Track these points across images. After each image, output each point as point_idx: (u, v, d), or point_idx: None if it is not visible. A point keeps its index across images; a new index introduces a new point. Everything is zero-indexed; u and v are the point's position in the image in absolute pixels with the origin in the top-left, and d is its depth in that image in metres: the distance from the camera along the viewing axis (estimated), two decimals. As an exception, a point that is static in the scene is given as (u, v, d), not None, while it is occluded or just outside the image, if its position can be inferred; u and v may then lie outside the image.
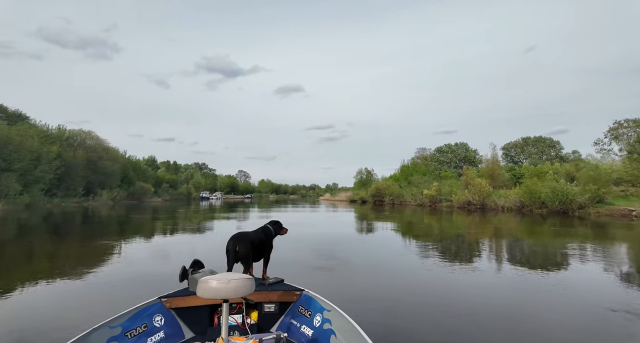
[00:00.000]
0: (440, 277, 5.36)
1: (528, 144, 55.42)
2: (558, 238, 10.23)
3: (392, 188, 38.58)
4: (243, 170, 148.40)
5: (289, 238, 10.19)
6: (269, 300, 2.70)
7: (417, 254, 7.40)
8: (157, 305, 2.49)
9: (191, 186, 77.51)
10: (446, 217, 19.36)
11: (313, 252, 7.54)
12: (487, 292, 4.61)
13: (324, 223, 16.30)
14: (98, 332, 1.98)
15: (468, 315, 3.61)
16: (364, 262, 6.56)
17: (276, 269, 3.61)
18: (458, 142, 61.03)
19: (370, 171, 60.82)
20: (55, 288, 4.52)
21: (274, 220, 3.45)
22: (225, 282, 1.81)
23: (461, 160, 60.04)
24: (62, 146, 33.63)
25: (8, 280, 4.92)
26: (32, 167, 27.54)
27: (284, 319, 2.71)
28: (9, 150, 25.97)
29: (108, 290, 4.42)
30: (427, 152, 62.74)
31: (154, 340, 2.32)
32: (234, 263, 2.85)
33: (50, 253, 7.44)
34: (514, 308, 3.98)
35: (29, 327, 3.17)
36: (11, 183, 23.80)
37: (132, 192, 43.92)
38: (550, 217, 18.25)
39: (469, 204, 26.19)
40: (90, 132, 39.52)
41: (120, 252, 7.42)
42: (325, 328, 2.34)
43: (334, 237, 10.86)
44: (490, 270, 5.90)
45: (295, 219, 18.36)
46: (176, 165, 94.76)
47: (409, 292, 4.57)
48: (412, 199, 33.50)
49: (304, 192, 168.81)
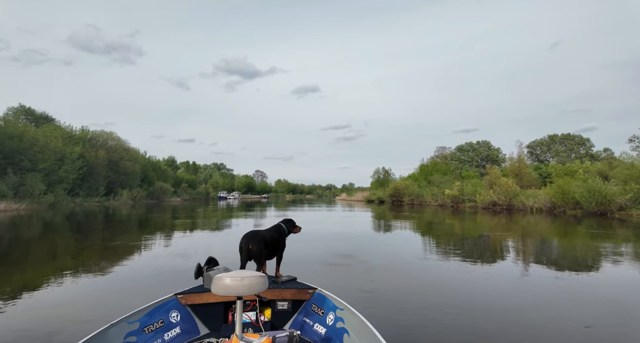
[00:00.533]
0: (460, 280, 5.03)
1: (555, 142, 52.87)
2: (596, 241, 9.24)
3: (411, 188, 37.51)
4: (260, 170, 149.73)
5: (305, 237, 9.52)
6: (282, 298, 2.70)
7: (437, 255, 7.06)
8: (173, 301, 2.52)
9: (209, 186, 78.55)
10: (470, 218, 18.37)
11: (328, 251, 7.43)
12: (511, 300, 4.12)
13: (341, 223, 15.73)
14: (117, 326, 2.01)
15: (484, 320, 3.40)
16: (380, 262, 6.37)
17: (290, 267, 3.57)
18: (480, 140, 59.06)
19: (387, 171, 59.69)
20: (80, 283, 4.68)
21: (287, 218, 3.42)
22: (239, 279, 1.82)
23: (483, 159, 58.03)
24: (85, 147, 34.45)
25: (35, 275, 5.11)
26: (56, 167, 28.24)
27: (297, 317, 2.71)
28: (34, 151, 26.69)
29: (127, 285, 4.55)
30: (447, 150, 61.03)
31: (170, 335, 2.35)
32: (247, 261, 2.87)
33: (73, 250, 7.58)
34: (544, 322, 3.38)
35: (55, 319, 3.30)
36: (36, 183, 24.40)
37: (152, 192, 44.68)
38: (585, 218, 16.94)
39: (495, 205, 24.93)
40: (111, 133, 40.44)
41: (140, 249, 7.62)
42: (338, 327, 2.32)
43: (350, 236, 10.55)
44: (517, 274, 5.43)
45: (312, 219, 17.92)
46: (195, 166, 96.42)
47: (425, 293, 4.38)
48: (433, 199, 32.38)
49: (320, 192, 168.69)
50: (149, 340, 2.20)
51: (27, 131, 27.44)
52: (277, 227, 3.27)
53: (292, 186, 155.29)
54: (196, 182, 73.52)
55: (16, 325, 3.15)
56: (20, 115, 38.69)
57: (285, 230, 3.28)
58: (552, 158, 51.28)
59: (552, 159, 51.41)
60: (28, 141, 26.66)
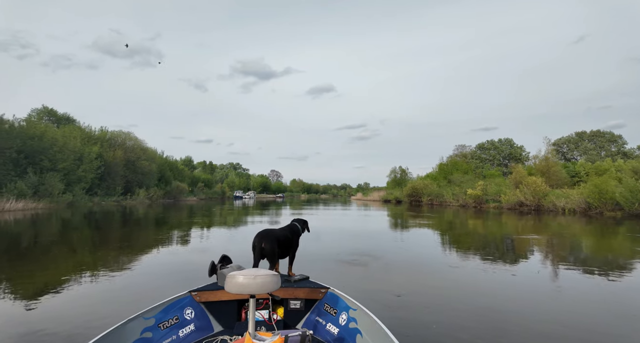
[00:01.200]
0: (486, 284, 4.80)
1: (583, 139, 50.19)
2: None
3: (431, 188, 36.21)
4: (275, 170, 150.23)
5: (320, 237, 9.36)
6: (295, 296, 2.68)
7: (462, 258, 6.74)
8: (187, 298, 2.53)
9: (225, 185, 79.01)
10: (495, 219, 17.21)
11: (342, 251, 7.31)
12: (543, 309, 3.77)
13: (356, 223, 14.94)
14: (133, 322, 2.05)
15: (509, 330, 3.14)
16: (396, 263, 6.19)
17: (303, 266, 3.66)
18: (502, 137, 56.86)
19: (404, 170, 58.23)
20: (98, 280, 4.78)
21: (300, 218, 3.42)
22: (251, 277, 1.81)
23: (505, 157, 55.94)
24: (103, 147, 34.87)
25: (56, 272, 5.28)
26: (74, 167, 28.58)
27: (310, 316, 2.69)
28: (54, 150, 27.06)
29: (143, 282, 4.65)
30: (467, 149, 59.15)
31: (185, 332, 2.36)
32: (260, 259, 2.86)
33: (91, 248, 7.67)
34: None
35: (77, 313, 3.40)
36: (55, 182, 24.67)
37: (168, 191, 45.02)
38: (627, 220, 15.51)
39: (521, 205, 23.51)
40: (129, 133, 40.88)
41: (156, 247, 7.75)
42: (351, 327, 2.29)
43: (366, 236, 10.21)
44: (551, 281, 5.00)
45: (326, 218, 17.22)
46: (212, 165, 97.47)
47: (444, 295, 4.22)
48: (454, 199, 31.06)
49: (335, 192, 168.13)
50: (164, 336, 2.22)
51: (47, 131, 27.89)
52: (291, 226, 3.26)
53: (307, 186, 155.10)
54: (212, 181, 74.03)
55: (38, 320, 3.22)
56: (43, 116, 39.76)
57: (299, 229, 3.29)
58: (580, 156, 48.71)
59: (579, 157, 48.81)
60: (48, 141, 27.07)
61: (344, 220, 17.64)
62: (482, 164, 53.08)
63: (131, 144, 40.29)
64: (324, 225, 14.05)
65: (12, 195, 20.94)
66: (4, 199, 20.00)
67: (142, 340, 2.05)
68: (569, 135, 51.98)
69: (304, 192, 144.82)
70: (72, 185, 27.65)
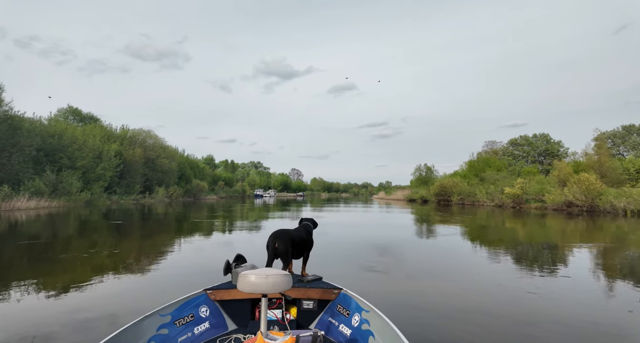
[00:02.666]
0: (514, 297, 4.10)
1: (631, 133, 45.65)
2: None
3: (461, 186, 33.69)
4: (296, 169, 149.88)
5: (339, 239, 8.82)
6: (308, 297, 2.67)
7: (494, 267, 5.88)
8: (202, 296, 2.56)
9: (246, 184, 78.89)
10: (540, 222, 14.95)
11: (363, 253, 7.03)
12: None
13: (381, 224, 13.21)
14: (150, 319, 2.09)
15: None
16: (418, 267, 5.79)
17: (317, 267, 3.86)
18: (537, 133, 52.99)
19: (430, 167, 55.41)
20: (117, 278, 4.82)
21: (309, 217, 3.40)
22: (263, 277, 1.82)
23: (541, 153, 52.11)
24: (123, 145, 34.70)
25: (78, 269, 5.35)
26: (93, 165, 28.33)
27: (323, 317, 2.67)
28: (73, 148, 26.85)
29: (160, 280, 4.68)
30: (498, 145, 55.69)
31: (200, 330, 2.38)
32: (273, 259, 2.84)
33: (112, 246, 7.59)
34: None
35: (96, 309, 3.42)
36: (72, 180, 24.33)
37: (188, 190, 44.72)
38: None
39: (570, 206, 20.84)
40: (149, 131, 40.71)
41: (176, 246, 7.82)
42: (363, 329, 2.26)
43: (390, 238, 9.47)
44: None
45: (349, 218, 15.56)
46: (233, 164, 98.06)
47: (473, 313, 3.48)
48: (488, 199, 28.52)
49: (356, 190, 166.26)
50: (180, 333, 2.24)
51: (67, 129, 27.75)
52: (305, 227, 3.23)
53: (328, 184, 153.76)
54: (233, 180, 73.98)
55: (57, 315, 3.25)
56: (69, 115, 40.31)
57: (312, 229, 3.27)
58: (629, 152, 44.33)
59: (628, 152, 44.40)
60: (68, 139, 26.89)
61: (365, 219, 16.03)
62: (515, 160, 49.67)
63: (151, 142, 40.16)
64: (344, 222, 13.30)
65: (28, 193, 20.62)
66: (19, 197, 19.66)
67: (158, 337, 2.08)
68: (614, 130, 47.49)
69: (325, 191, 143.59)
70: (90, 184, 27.40)
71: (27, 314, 3.32)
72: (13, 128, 22.54)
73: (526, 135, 54.10)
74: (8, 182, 20.84)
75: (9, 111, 22.94)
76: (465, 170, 41.62)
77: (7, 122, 22.17)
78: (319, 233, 5.47)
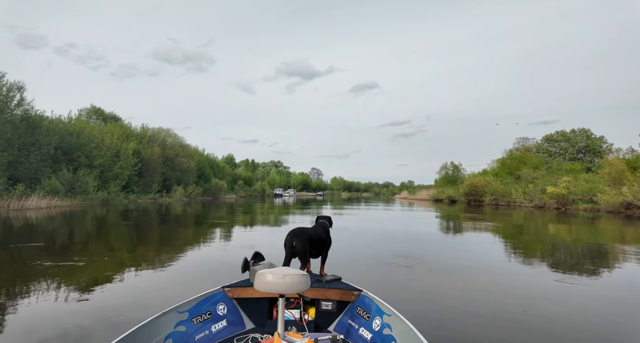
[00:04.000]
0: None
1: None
2: None
3: (494, 186, 31.13)
4: (316, 168, 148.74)
5: (363, 244, 8.08)
6: (326, 297, 2.58)
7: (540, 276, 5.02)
8: (220, 294, 2.53)
9: (266, 183, 78.48)
10: (595, 225, 12.69)
11: (384, 253, 6.68)
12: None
13: (408, 228, 11.46)
14: (167, 315, 2.06)
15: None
16: (448, 272, 5.13)
17: (336, 267, 3.82)
18: (575, 128, 49.03)
19: (457, 166, 52.53)
20: (137, 275, 4.78)
21: (325, 215, 3.35)
22: (280, 276, 1.75)
23: (580, 150, 48.16)
24: (142, 143, 34.47)
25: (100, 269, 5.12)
26: (111, 163, 28.05)
27: (342, 319, 2.57)
28: (91, 147, 26.61)
29: (178, 276, 4.70)
30: (530, 142, 52.05)
31: (218, 327, 2.35)
32: (291, 258, 2.79)
33: (127, 246, 7.54)
34: None
35: (116, 306, 3.39)
36: (89, 179, 24.00)
37: (207, 189, 44.33)
38: None
39: (629, 207, 18.21)
40: (168, 129, 40.52)
41: (196, 243, 7.77)
42: (385, 334, 2.15)
43: (417, 240, 8.54)
44: None
45: (370, 218, 13.90)
46: (254, 164, 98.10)
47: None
48: (526, 199, 25.96)
49: (377, 190, 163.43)
50: (198, 330, 2.21)
51: (85, 128, 27.59)
52: (323, 225, 3.15)
53: (348, 184, 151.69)
54: (253, 179, 73.65)
55: (80, 311, 3.26)
56: (92, 115, 40.76)
57: (328, 227, 3.18)
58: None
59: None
60: (86, 138, 26.70)
61: (389, 220, 14.32)
62: (551, 158, 46.11)
63: (170, 141, 39.92)
64: (367, 225, 12.08)
65: (43, 192, 20.30)
66: (34, 196, 19.32)
67: (176, 334, 2.05)
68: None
69: (345, 190, 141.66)
70: (108, 182, 27.11)
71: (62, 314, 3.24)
72: (32, 127, 22.40)
73: (563, 131, 50.31)
74: (26, 181, 20.63)
75: (29, 110, 22.87)
76: (497, 169, 38.76)
77: (27, 121, 22.05)
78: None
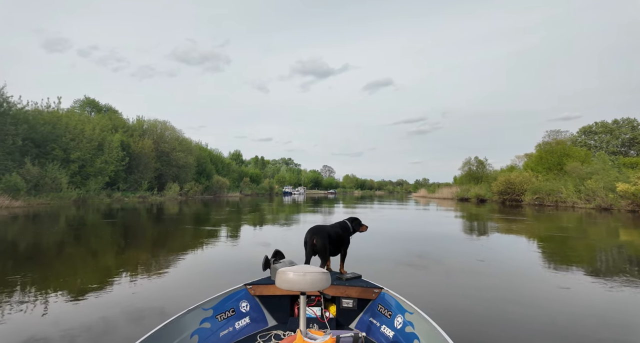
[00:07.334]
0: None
1: None
2: None
3: (536, 183, 26.47)
4: (328, 166, 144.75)
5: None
6: (347, 295, 2.58)
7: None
8: (243, 291, 2.56)
9: (274, 181, 74.96)
10: None
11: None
12: None
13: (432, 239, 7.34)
14: (193, 312, 2.11)
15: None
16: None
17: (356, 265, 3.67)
18: (619, 118, 43.49)
19: (482, 161, 47.55)
20: (156, 275, 4.55)
21: (354, 217, 3.29)
22: (301, 274, 1.77)
23: (624, 143, 42.64)
24: (133, 136, 31.08)
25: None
26: (93, 157, 24.65)
27: (363, 317, 2.59)
28: (67, 138, 23.25)
29: (202, 275, 4.54)
30: (563, 135, 46.65)
31: (241, 324, 2.40)
32: (311, 255, 2.83)
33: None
34: None
35: (139, 304, 3.31)
36: (58, 174, 20.60)
37: (208, 186, 40.85)
38: None
39: None
40: (165, 121, 37.13)
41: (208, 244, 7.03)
42: (407, 332, 2.14)
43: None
44: None
45: (392, 223, 9.82)
46: (263, 161, 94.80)
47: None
48: (581, 199, 21.31)
49: (390, 188, 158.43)
50: (222, 327, 2.26)
51: (61, 116, 24.22)
52: (341, 224, 3.14)
53: (361, 181, 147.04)
54: (261, 176, 70.14)
55: (101, 308, 3.19)
56: (86, 107, 37.74)
57: (350, 227, 3.14)
58: None
59: None
60: (62, 128, 23.37)
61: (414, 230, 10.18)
62: (592, 151, 40.85)
63: (167, 134, 36.52)
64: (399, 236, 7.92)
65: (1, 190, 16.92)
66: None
67: (201, 330, 2.10)
68: None
69: (357, 188, 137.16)
70: (87, 179, 23.73)
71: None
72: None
73: (604, 121, 44.82)
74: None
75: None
76: (532, 163, 33.87)
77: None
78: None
